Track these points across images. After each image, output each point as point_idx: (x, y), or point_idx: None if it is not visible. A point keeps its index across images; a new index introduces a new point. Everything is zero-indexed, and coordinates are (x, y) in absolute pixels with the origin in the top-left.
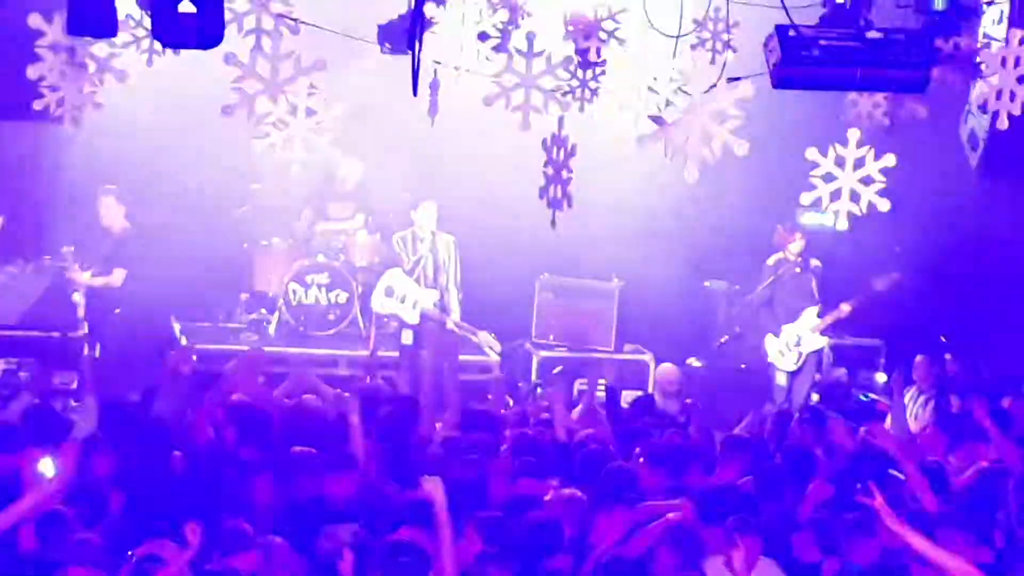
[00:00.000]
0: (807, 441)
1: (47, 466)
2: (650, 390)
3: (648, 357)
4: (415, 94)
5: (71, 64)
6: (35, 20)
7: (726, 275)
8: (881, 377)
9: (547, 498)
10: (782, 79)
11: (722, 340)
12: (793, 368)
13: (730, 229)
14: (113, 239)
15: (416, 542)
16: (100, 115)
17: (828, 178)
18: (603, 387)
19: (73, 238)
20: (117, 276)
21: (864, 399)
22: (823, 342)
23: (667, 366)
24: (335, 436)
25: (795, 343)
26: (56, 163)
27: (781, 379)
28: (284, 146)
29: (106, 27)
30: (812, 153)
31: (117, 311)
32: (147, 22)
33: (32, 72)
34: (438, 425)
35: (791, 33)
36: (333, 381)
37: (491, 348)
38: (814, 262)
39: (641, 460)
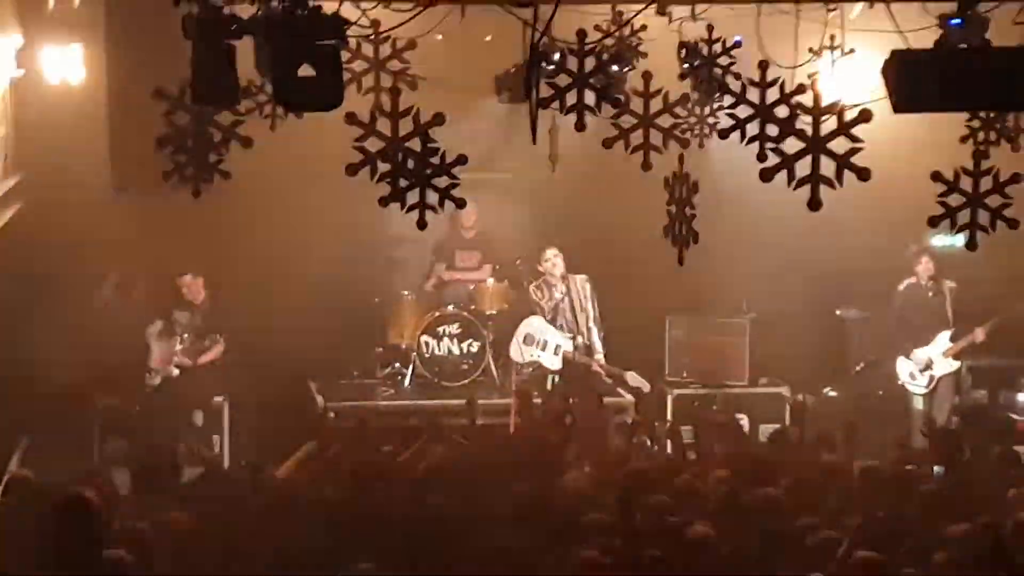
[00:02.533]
0: None
1: None
2: (787, 422)
3: (784, 389)
4: (534, 142)
5: (197, 134)
6: (161, 93)
7: (858, 302)
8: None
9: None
10: (902, 103)
11: (858, 368)
12: (925, 391)
13: (859, 255)
14: (199, 312)
15: None
16: (228, 182)
17: (954, 199)
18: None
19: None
20: (217, 350)
21: (1007, 419)
22: (955, 365)
23: (799, 396)
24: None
25: (927, 366)
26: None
27: (919, 403)
28: (408, 201)
29: (229, 95)
30: (936, 175)
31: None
32: (268, 88)
33: (160, 144)
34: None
35: (908, 57)
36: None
37: (640, 387)
38: (948, 283)
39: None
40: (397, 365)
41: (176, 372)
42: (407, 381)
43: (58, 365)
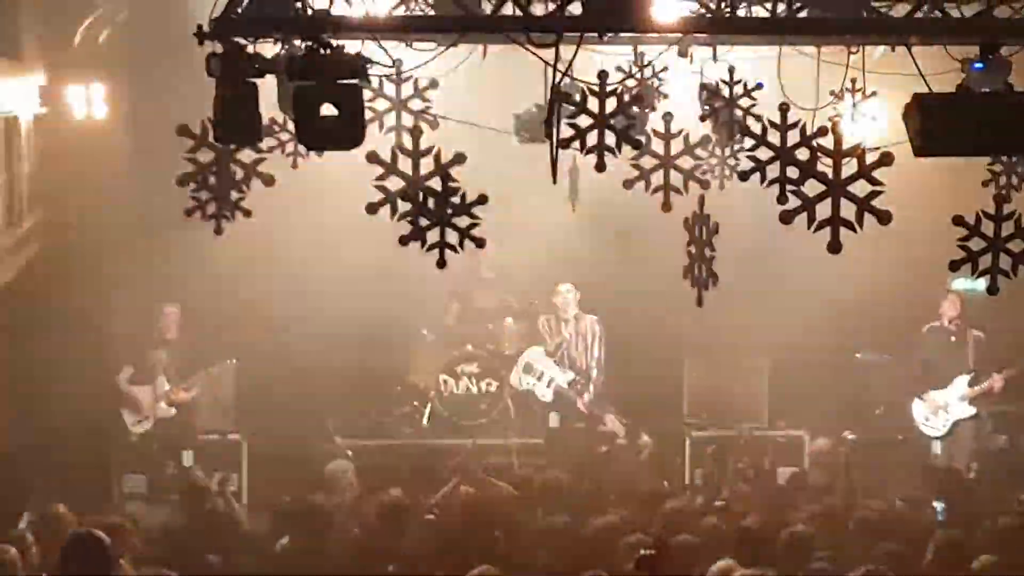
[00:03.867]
0: None
1: None
2: (806, 465)
3: (802, 432)
4: (555, 181)
5: (219, 171)
6: (183, 131)
7: (878, 345)
8: None
9: None
10: (923, 147)
11: (878, 411)
12: (939, 433)
13: (880, 298)
14: (176, 347)
15: None
16: (247, 220)
17: (976, 243)
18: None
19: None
20: (199, 383)
21: None
22: (971, 411)
23: (818, 440)
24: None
25: (942, 409)
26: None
27: (937, 448)
28: (428, 240)
29: (251, 134)
30: (958, 219)
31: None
32: (290, 126)
33: (182, 181)
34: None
35: (929, 101)
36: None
37: (616, 432)
38: (975, 332)
39: None
40: (416, 404)
41: (173, 411)
42: (425, 420)
43: (75, 400)
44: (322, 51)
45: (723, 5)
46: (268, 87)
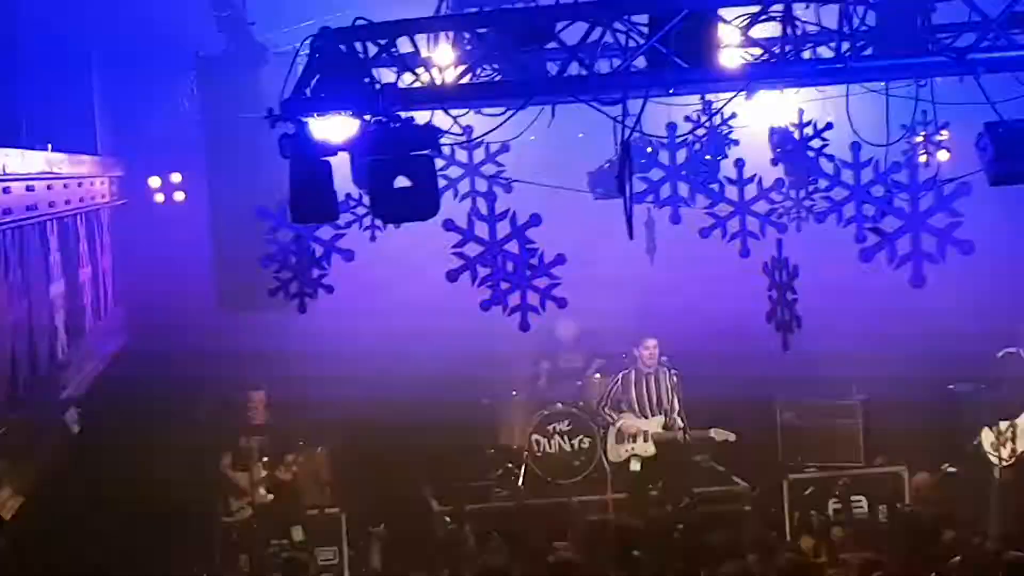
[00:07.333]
0: None
1: None
2: (907, 501)
3: (901, 468)
4: (631, 237)
5: (299, 250)
6: (262, 213)
7: (970, 374)
8: None
9: None
10: (998, 175)
11: (975, 442)
12: (1001, 463)
13: (966, 327)
14: (266, 432)
15: None
16: (330, 297)
17: None
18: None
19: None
20: (296, 465)
21: None
22: None
23: (919, 475)
24: None
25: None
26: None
27: None
28: (510, 304)
29: (328, 211)
30: None
31: None
32: (366, 199)
33: (264, 262)
34: None
35: (1001, 128)
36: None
37: (727, 438)
38: None
39: None
40: (510, 465)
41: (270, 497)
42: (520, 481)
43: (175, 484)
44: (392, 124)
45: (787, 49)
46: (342, 163)
